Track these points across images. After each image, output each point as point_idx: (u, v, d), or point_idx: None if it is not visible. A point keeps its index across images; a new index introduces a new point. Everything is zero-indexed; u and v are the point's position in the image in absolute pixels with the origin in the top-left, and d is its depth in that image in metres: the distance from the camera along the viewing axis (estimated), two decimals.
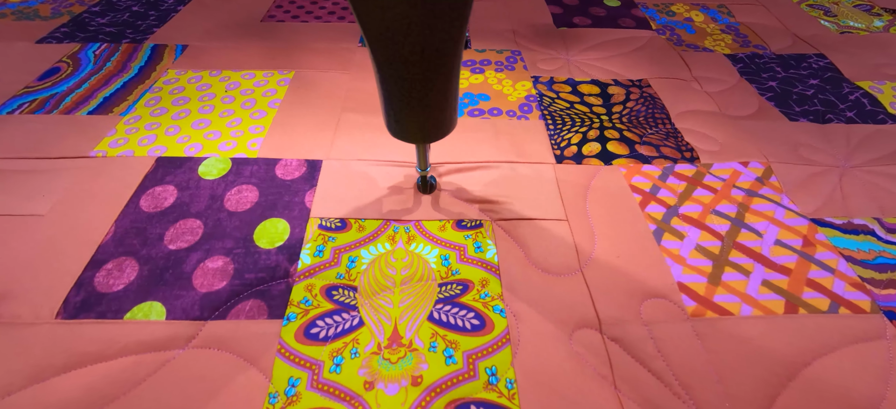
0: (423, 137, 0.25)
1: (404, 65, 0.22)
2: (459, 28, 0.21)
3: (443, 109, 0.24)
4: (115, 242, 0.27)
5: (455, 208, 0.30)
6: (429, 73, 0.22)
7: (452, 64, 0.23)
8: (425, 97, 0.23)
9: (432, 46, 0.21)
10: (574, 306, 0.25)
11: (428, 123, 0.25)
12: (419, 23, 0.20)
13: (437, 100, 0.24)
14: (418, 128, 0.25)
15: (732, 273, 0.27)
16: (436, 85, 0.23)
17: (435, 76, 0.22)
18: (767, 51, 0.48)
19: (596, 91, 0.41)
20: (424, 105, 0.24)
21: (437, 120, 0.25)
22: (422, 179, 0.30)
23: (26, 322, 0.23)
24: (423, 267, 0.27)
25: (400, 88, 0.23)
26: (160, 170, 0.31)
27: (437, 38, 0.21)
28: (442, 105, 0.24)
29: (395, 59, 0.21)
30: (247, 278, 0.25)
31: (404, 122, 0.25)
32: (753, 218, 0.30)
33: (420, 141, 0.26)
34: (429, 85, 0.23)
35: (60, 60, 0.43)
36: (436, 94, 0.23)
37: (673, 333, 0.24)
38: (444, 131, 0.26)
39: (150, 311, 0.24)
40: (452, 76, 0.23)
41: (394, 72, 0.22)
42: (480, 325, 0.24)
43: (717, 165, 0.34)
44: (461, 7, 0.20)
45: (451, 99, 0.25)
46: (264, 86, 0.39)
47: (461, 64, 0.24)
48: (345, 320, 0.24)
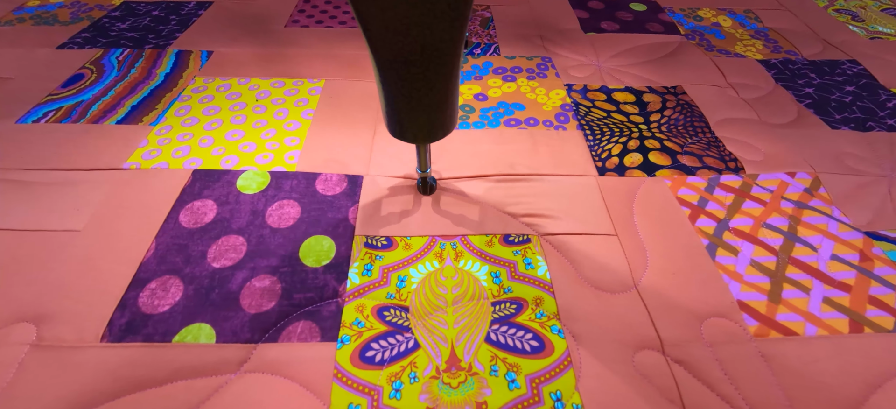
0: (423, 137, 0.26)
1: (404, 65, 0.22)
2: (459, 28, 0.21)
3: (443, 109, 0.24)
4: (156, 259, 0.26)
5: (500, 222, 0.29)
6: (429, 73, 0.22)
7: (452, 64, 0.23)
8: (425, 97, 0.23)
9: (432, 46, 0.21)
10: (633, 325, 0.24)
11: (428, 123, 0.25)
12: (419, 23, 0.20)
13: (437, 100, 0.24)
14: (418, 128, 0.25)
15: (792, 290, 0.26)
16: (436, 85, 0.23)
17: (435, 76, 0.22)
18: (799, 56, 0.47)
19: (631, 99, 0.40)
20: (424, 105, 0.24)
21: (437, 120, 0.25)
22: (422, 180, 0.31)
23: (70, 345, 0.23)
24: (475, 285, 0.26)
25: (400, 88, 0.23)
26: (197, 183, 0.30)
27: (437, 38, 0.21)
28: (442, 105, 0.24)
29: (395, 59, 0.21)
30: (295, 298, 0.24)
31: (404, 122, 0.25)
32: (806, 232, 0.29)
33: (420, 141, 0.26)
34: (429, 85, 0.23)
35: (84, 67, 0.42)
36: (436, 94, 0.23)
37: (738, 354, 0.23)
38: (444, 132, 0.26)
39: (199, 333, 0.23)
40: (452, 76, 0.23)
41: (394, 72, 0.22)
42: (540, 347, 0.23)
43: (763, 176, 0.33)
44: (461, 7, 0.20)
45: (452, 99, 0.25)
46: (295, 95, 0.39)
47: (461, 64, 0.24)
48: (399, 342, 0.23)
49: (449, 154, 0.34)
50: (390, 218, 0.29)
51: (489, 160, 0.34)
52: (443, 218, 0.29)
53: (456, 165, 0.33)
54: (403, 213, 0.30)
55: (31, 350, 0.22)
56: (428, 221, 0.29)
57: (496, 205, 0.31)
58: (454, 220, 0.29)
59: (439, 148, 0.35)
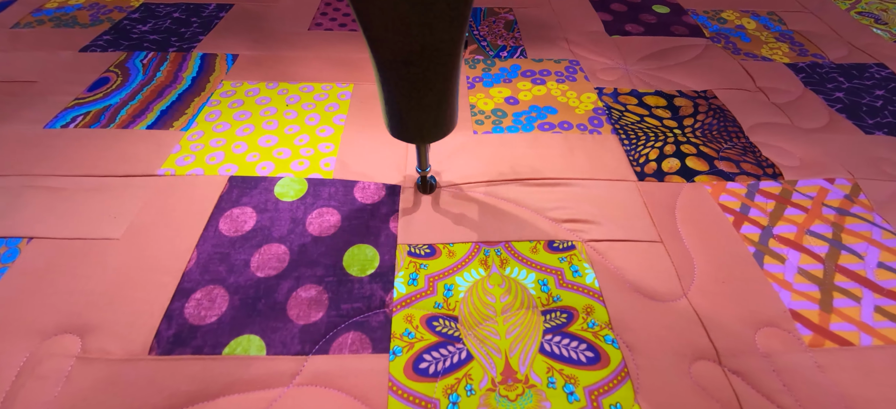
0: (423, 137, 0.26)
1: (404, 65, 0.22)
2: (459, 28, 0.21)
3: (443, 109, 0.24)
4: (199, 269, 0.25)
5: (542, 228, 0.29)
6: (429, 73, 0.22)
7: (452, 64, 0.23)
8: (425, 97, 0.23)
9: (432, 46, 0.21)
10: (686, 335, 0.24)
11: (428, 123, 0.25)
12: (419, 23, 0.20)
13: (436, 100, 0.24)
14: (418, 128, 0.25)
15: (842, 299, 0.26)
16: (436, 85, 0.23)
17: (435, 76, 0.22)
18: (826, 60, 0.47)
19: (663, 103, 0.40)
20: (424, 105, 0.24)
21: (436, 120, 0.25)
22: (422, 178, 0.30)
23: (118, 358, 0.22)
24: (523, 293, 0.26)
25: (399, 88, 0.23)
26: (235, 190, 0.30)
27: (437, 38, 0.21)
28: (442, 105, 0.24)
29: (396, 59, 0.21)
30: (343, 308, 0.24)
31: (404, 122, 0.25)
32: (851, 239, 0.29)
33: (420, 141, 0.26)
34: (429, 85, 0.23)
35: (108, 70, 0.42)
36: (436, 94, 0.23)
37: (795, 365, 0.23)
38: (444, 131, 0.26)
39: (249, 345, 0.23)
40: (452, 76, 0.23)
41: (394, 72, 0.22)
42: (595, 358, 0.23)
43: (802, 182, 0.33)
44: (461, 7, 0.20)
45: (451, 99, 0.25)
46: (325, 100, 0.38)
47: (461, 64, 0.24)
48: (451, 353, 0.23)
49: (485, 158, 0.34)
50: (431, 225, 0.29)
51: (526, 164, 0.33)
52: (484, 224, 0.29)
53: (493, 169, 0.33)
54: (444, 219, 0.29)
55: (77, 363, 0.22)
56: (469, 227, 0.29)
57: (537, 210, 0.30)
58: (496, 225, 0.29)
59: (474, 152, 0.35)
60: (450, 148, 0.35)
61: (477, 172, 0.33)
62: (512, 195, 0.31)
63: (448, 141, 0.35)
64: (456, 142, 0.35)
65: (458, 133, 0.36)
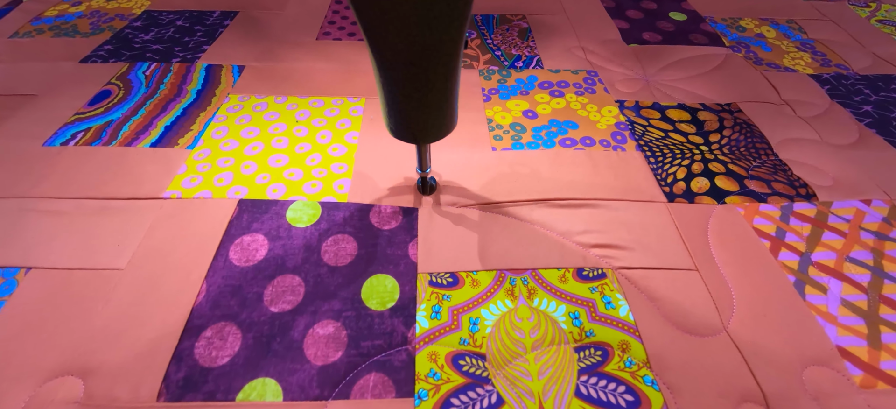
0: (423, 137, 0.25)
1: (405, 65, 0.21)
2: (459, 28, 0.21)
3: (443, 110, 0.24)
4: (209, 303, 0.24)
5: (570, 254, 0.27)
6: (429, 73, 0.22)
7: (453, 64, 0.22)
8: (425, 97, 0.23)
9: (432, 46, 0.21)
10: (730, 375, 0.22)
11: (427, 124, 0.25)
12: (419, 23, 0.20)
13: (437, 100, 0.24)
14: (418, 128, 0.25)
15: (890, 334, 0.24)
16: (436, 85, 0.23)
17: (435, 76, 0.22)
18: (851, 71, 0.46)
19: (687, 118, 0.39)
20: (424, 105, 0.24)
21: (437, 120, 0.25)
22: (422, 180, 0.30)
23: (126, 405, 0.21)
24: (553, 328, 0.24)
25: (400, 88, 0.23)
26: (245, 215, 0.28)
27: (437, 38, 0.21)
28: (442, 105, 0.24)
29: (396, 59, 0.21)
30: (363, 346, 0.23)
31: (404, 122, 0.25)
32: (893, 266, 0.28)
33: (420, 141, 0.26)
34: (429, 85, 0.23)
35: (110, 82, 0.40)
36: (436, 94, 0.23)
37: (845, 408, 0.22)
38: (443, 132, 0.26)
39: (265, 390, 0.21)
40: (453, 76, 0.23)
41: (394, 72, 0.22)
42: (635, 402, 0.21)
43: (838, 204, 0.31)
44: (461, 7, 0.20)
45: (451, 99, 0.24)
46: (336, 115, 0.37)
47: (461, 64, 0.24)
48: (481, 396, 0.21)
49: (506, 177, 0.32)
50: (452, 250, 0.27)
51: (550, 184, 0.32)
52: (509, 249, 0.28)
53: (515, 188, 0.31)
54: (466, 244, 0.28)
55: None
56: (493, 252, 0.27)
57: (563, 234, 0.29)
58: (521, 251, 0.28)
59: (495, 171, 0.33)
60: (469, 166, 0.33)
61: (498, 192, 0.31)
62: (536, 217, 0.30)
63: (467, 159, 0.34)
64: (474, 160, 0.34)
65: (476, 150, 0.35)
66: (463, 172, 0.33)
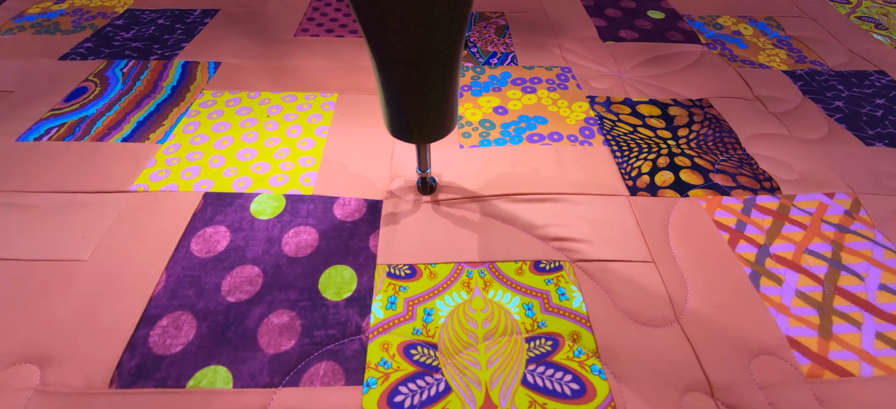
0: (423, 137, 0.26)
1: (404, 65, 0.21)
2: (459, 29, 0.21)
3: (443, 110, 0.24)
4: (167, 293, 0.24)
5: (529, 247, 0.28)
6: (429, 73, 0.22)
7: (452, 64, 0.22)
8: (425, 98, 0.23)
9: (432, 47, 0.21)
10: (678, 364, 0.23)
11: (427, 124, 0.25)
12: (419, 23, 0.20)
13: (436, 100, 0.24)
14: (418, 128, 0.25)
15: (842, 325, 0.25)
16: (436, 85, 0.23)
17: (435, 76, 0.22)
18: (825, 67, 0.46)
19: (657, 113, 0.39)
20: (424, 106, 0.24)
21: (436, 120, 0.25)
22: (422, 180, 0.30)
23: (78, 392, 0.21)
24: (506, 319, 0.24)
25: (400, 88, 0.23)
26: (209, 208, 0.29)
27: (437, 39, 0.21)
28: (442, 106, 0.24)
29: (395, 59, 0.21)
30: (316, 335, 0.23)
31: (404, 122, 0.25)
32: (851, 258, 0.28)
33: (420, 141, 0.26)
34: (429, 86, 0.23)
35: (87, 79, 0.40)
36: (435, 94, 0.23)
37: (792, 398, 0.21)
38: (443, 132, 0.26)
39: (215, 377, 0.21)
40: (452, 76, 0.23)
41: (394, 72, 0.22)
42: (581, 390, 0.22)
43: (801, 197, 0.32)
44: (461, 8, 0.20)
45: (451, 100, 0.25)
46: (308, 110, 0.37)
47: (461, 64, 0.24)
48: (429, 385, 0.22)
49: (472, 172, 0.32)
50: (413, 244, 0.28)
51: (515, 179, 0.32)
52: (468, 243, 0.28)
53: (479, 183, 0.32)
54: (426, 238, 0.28)
55: (35, 396, 0.21)
56: (453, 246, 0.28)
57: (524, 228, 0.29)
58: (481, 244, 0.28)
59: (461, 166, 0.33)
60: (436, 164, 0.33)
61: (462, 188, 0.31)
62: (499, 212, 0.30)
63: (435, 156, 0.34)
64: (442, 156, 0.34)
65: (444, 147, 0.35)
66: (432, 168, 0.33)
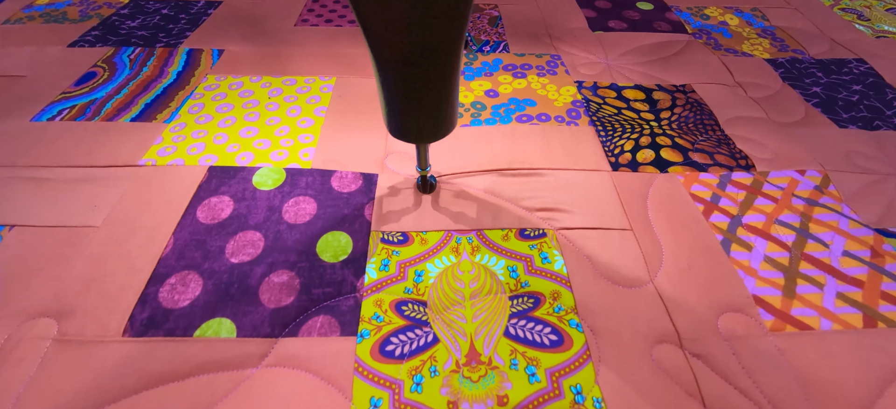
0: (423, 136, 0.26)
1: (404, 65, 0.22)
2: (459, 28, 0.21)
3: (442, 109, 0.24)
4: (175, 255, 0.26)
5: (515, 217, 0.29)
6: (429, 73, 0.22)
7: (452, 64, 0.23)
8: (425, 97, 0.23)
9: (432, 46, 0.21)
10: (650, 319, 0.24)
11: (427, 123, 0.25)
12: (419, 23, 0.20)
13: (436, 100, 0.24)
14: (418, 128, 0.25)
15: (806, 286, 0.26)
16: (436, 85, 0.23)
17: (435, 76, 0.22)
18: (806, 55, 0.48)
19: (641, 97, 0.41)
20: (424, 105, 0.24)
21: (436, 120, 0.25)
22: (422, 178, 0.31)
23: (93, 340, 0.23)
24: (491, 280, 0.26)
25: (399, 88, 0.23)
26: (214, 180, 0.30)
27: (437, 38, 0.21)
28: (442, 105, 0.24)
29: (395, 59, 0.21)
30: (314, 293, 0.25)
31: (404, 122, 0.25)
32: (818, 228, 0.30)
33: (419, 141, 0.26)
34: (428, 85, 0.23)
35: (96, 65, 0.42)
36: (435, 94, 0.23)
37: (755, 349, 0.23)
38: (443, 132, 0.26)
39: (220, 328, 0.23)
40: (452, 76, 0.23)
41: (393, 72, 0.22)
42: (559, 341, 0.23)
43: (774, 174, 0.33)
44: (461, 7, 0.20)
45: (451, 99, 0.25)
46: (307, 92, 0.39)
47: (461, 64, 0.24)
48: (418, 336, 0.23)
49: (462, 150, 0.34)
50: (406, 214, 0.30)
51: (503, 156, 0.34)
52: (458, 213, 0.30)
53: (469, 160, 0.33)
54: (419, 209, 0.30)
55: (53, 345, 0.23)
56: (443, 216, 0.30)
57: (511, 199, 0.31)
58: (469, 214, 0.30)
59: (451, 144, 0.35)
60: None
61: (453, 164, 0.33)
62: (487, 186, 0.32)
63: None
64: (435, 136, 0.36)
65: None
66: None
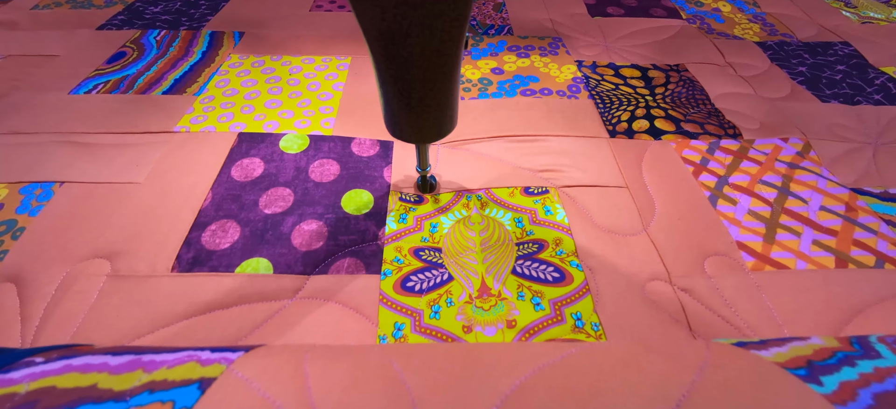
0: (422, 137, 0.26)
1: (404, 66, 0.22)
2: (459, 29, 0.21)
3: (442, 110, 0.25)
4: (214, 207, 0.29)
5: (520, 177, 0.32)
6: (429, 74, 0.22)
7: (452, 65, 0.23)
8: (425, 98, 0.23)
9: (432, 47, 0.21)
10: (643, 261, 0.27)
11: (427, 124, 0.25)
12: (419, 24, 0.20)
13: (436, 101, 0.24)
14: (418, 128, 0.25)
15: (785, 234, 0.29)
16: (435, 86, 0.23)
17: (435, 77, 0.23)
18: (794, 39, 0.50)
19: (637, 75, 0.43)
20: (424, 106, 0.24)
21: (436, 121, 0.25)
22: (422, 178, 0.31)
23: (144, 275, 0.25)
24: (500, 230, 0.29)
25: (399, 88, 0.23)
26: (244, 144, 0.33)
27: (437, 40, 0.21)
28: (442, 106, 0.24)
29: (395, 59, 0.22)
30: (341, 239, 0.27)
31: (404, 122, 0.25)
32: (798, 187, 0.32)
33: (419, 141, 0.26)
34: (428, 86, 0.23)
35: (125, 45, 0.45)
36: (435, 94, 0.24)
37: (737, 284, 0.26)
38: (443, 132, 0.26)
39: (258, 266, 0.26)
40: (452, 77, 0.23)
41: (393, 72, 0.22)
42: (561, 277, 0.26)
43: (759, 141, 0.36)
44: (461, 8, 0.20)
45: (451, 100, 0.25)
46: (325, 70, 0.41)
47: (461, 65, 0.24)
48: (435, 275, 0.26)
49: (470, 119, 0.37)
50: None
51: (508, 124, 0.37)
52: (468, 174, 0.32)
53: (478, 128, 0.36)
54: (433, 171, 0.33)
55: (108, 280, 0.25)
56: (455, 177, 0.32)
57: (516, 162, 0.33)
58: (478, 175, 0.32)
59: (460, 114, 0.38)
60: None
61: (464, 132, 0.36)
62: (494, 151, 0.34)
63: None
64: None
65: None
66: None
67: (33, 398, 0.13)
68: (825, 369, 0.13)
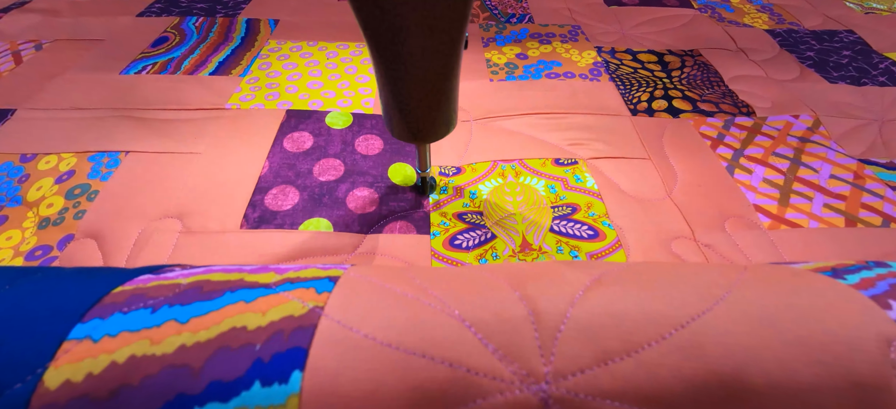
0: (422, 137, 0.26)
1: (404, 66, 0.22)
2: (459, 29, 0.21)
3: (442, 111, 0.25)
4: (272, 174, 0.31)
5: (550, 149, 0.34)
6: (428, 74, 0.22)
7: (452, 65, 0.23)
8: (425, 98, 0.24)
9: (432, 48, 0.21)
10: (669, 222, 0.29)
11: (427, 124, 0.25)
12: (419, 24, 0.20)
13: (436, 101, 0.24)
14: (417, 129, 0.25)
15: (797, 198, 0.31)
16: (435, 86, 0.23)
17: (434, 77, 0.23)
18: (801, 27, 0.53)
19: (654, 59, 0.46)
20: (424, 106, 0.24)
21: (436, 121, 0.25)
22: (422, 179, 0.31)
23: (216, 231, 0.28)
24: (535, 195, 0.31)
25: (399, 88, 0.23)
26: (293, 120, 0.35)
27: (437, 40, 0.21)
28: (442, 106, 0.24)
29: (395, 59, 0.22)
30: (391, 205, 0.30)
31: (403, 122, 0.25)
32: (809, 158, 0.34)
33: (419, 142, 0.26)
34: (428, 86, 0.23)
35: (166, 31, 0.47)
36: (435, 94, 0.24)
37: (754, 240, 0.28)
38: (443, 132, 0.26)
39: (320, 224, 0.28)
40: (452, 77, 0.24)
41: (393, 73, 0.22)
42: (595, 235, 0.28)
43: (772, 118, 0.38)
44: (461, 8, 0.20)
45: (451, 100, 0.25)
46: (361, 54, 0.44)
47: (460, 65, 0.24)
48: (479, 235, 0.28)
49: (503, 97, 0.40)
50: (457, 151, 0.34)
51: (536, 102, 0.39)
52: (501, 147, 0.35)
53: (508, 105, 0.39)
54: (469, 147, 0.35)
55: (182, 236, 0.27)
56: (489, 149, 0.34)
57: (545, 136, 0.36)
58: (510, 148, 0.35)
59: (490, 93, 0.40)
60: (471, 93, 0.40)
61: (494, 109, 0.38)
62: (524, 127, 0.37)
63: (470, 87, 0.41)
64: (473, 87, 0.41)
65: (476, 80, 0.42)
66: (466, 97, 0.40)
67: (194, 286, 0.15)
68: (847, 272, 0.15)
